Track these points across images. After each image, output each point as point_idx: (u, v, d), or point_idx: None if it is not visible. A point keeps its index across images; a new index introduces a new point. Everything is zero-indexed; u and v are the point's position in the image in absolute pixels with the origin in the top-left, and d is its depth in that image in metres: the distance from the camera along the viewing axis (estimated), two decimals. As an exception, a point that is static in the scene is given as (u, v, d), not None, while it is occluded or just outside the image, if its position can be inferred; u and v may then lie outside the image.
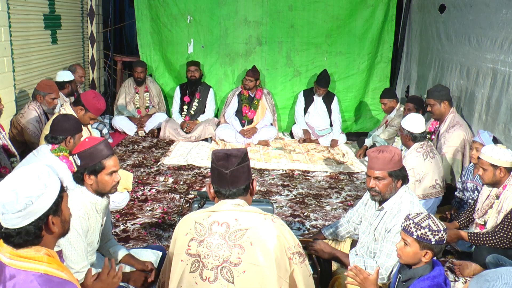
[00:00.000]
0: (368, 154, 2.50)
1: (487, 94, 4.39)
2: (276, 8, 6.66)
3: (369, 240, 2.53)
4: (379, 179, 2.42)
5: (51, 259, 1.43)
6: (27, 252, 1.40)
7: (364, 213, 2.69)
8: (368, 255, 2.52)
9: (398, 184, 2.44)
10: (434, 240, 1.91)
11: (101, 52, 7.25)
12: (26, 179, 1.40)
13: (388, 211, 2.44)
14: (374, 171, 2.43)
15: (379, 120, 6.64)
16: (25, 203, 1.36)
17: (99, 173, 2.23)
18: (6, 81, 4.48)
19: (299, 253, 1.86)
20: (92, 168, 2.22)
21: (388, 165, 2.40)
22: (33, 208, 1.38)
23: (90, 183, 2.25)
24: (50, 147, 3.12)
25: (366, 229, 2.59)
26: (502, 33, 4.18)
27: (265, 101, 6.37)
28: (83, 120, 3.81)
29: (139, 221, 3.70)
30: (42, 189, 1.40)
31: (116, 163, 2.29)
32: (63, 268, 1.46)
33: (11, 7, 4.53)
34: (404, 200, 2.42)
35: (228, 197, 1.89)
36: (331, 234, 2.89)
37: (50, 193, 1.42)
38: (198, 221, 1.87)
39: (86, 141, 2.30)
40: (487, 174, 3.05)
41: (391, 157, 2.40)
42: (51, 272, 1.39)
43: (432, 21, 5.81)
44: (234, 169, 1.86)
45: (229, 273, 1.77)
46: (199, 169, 5.03)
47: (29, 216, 1.38)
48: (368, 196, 2.65)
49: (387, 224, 2.41)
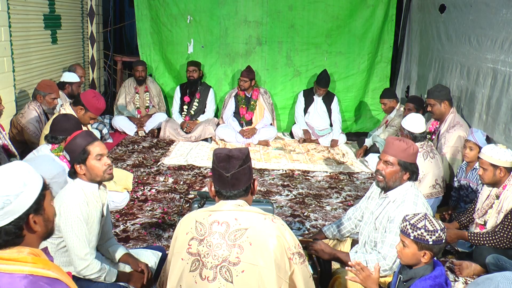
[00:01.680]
0: (387, 139, 2.55)
1: (487, 94, 4.39)
2: (276, 8, 6.66)
3: (370, 229, 2.55)
4: (387, 163, 2.46)
5: (36, 258, 1.38)
6: (9, 253, 1.35)
7: (367, 205, 2.71)
8: (369, 244, 2.53)
9: (404, 176, 2.46)
10: (432, 240, 1.91)
11: (101, 52, 7.25)
12: (3, 177, 1.36)
13: (392, 200, 2.46)
14: (386, 154, 2.48)
15: (379, 120, 6.64)
16: (3, 202, 1.32)
17: (86, 160, 2.29)
18: (6, 81, 4.48)
19: (299, 254, 1.85)
20: (79, 158, 2.28)
21: (401, 154, 2.44)
22: (12, 208, 1.33)
23: (83, 173, 2.31)
24: (50, 147, 3.12)
25: (368, 219, 2.61)
26: (502, 33, 4.18)
27: (263, 100, 6.36)
28: (83, 119, 3.81)
29: (139, 221, 3.70)
30: (21, 188, 1.36)
31: (102, 147, 2.35)
32: (49, 266, 1.40)
33: (11, 7, 4.53)
34: (409, 193, 2.44)
35: (228, 198, 1.89)
36: (331, 233, 2.89)
37: (30, 192, 1.38)
38: (198, 220, 1.87)
39: (71, 136, 2.37)
40: (487, 174, 3.05)
41: (406, 147, 2.44)
42: (37, 272, 1.34)
43: (432, 21, 5.81)
44: (235, 171, 1.85)
45: (228, 273, 1.77)
46: (199, 169, 5.03)
47: (8, 216, 1.33)
48: (372, 190, 2.69)
49: (389, 213, 2.42)
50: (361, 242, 2.63)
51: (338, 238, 2.89)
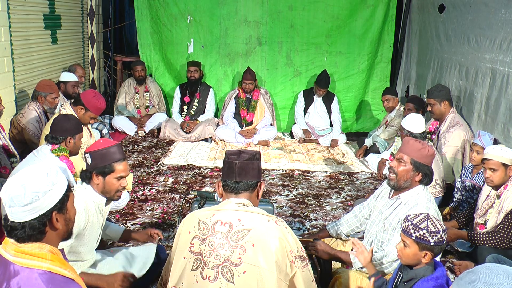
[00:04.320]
0: (404, 139, 2.56)
1: (486, 94, 4.40)
2: (276, 8, 6.66)
3: (378, 229, 2.54)
4: (401, 161, 2.46)
5: (55, 256, 1.46)
6: (31, 248, 1.43)
7: (375, 204, 2.70)
8: (376, 243, 2.52)
9: (416, 177, 2.45)
10: (433, 241, 1.91)
11: (101, 52, 7.25)
12: (35, 175, 1.46)
13: (404, 202, 2.45)
14: (400, 153, 2.49)
15: (379, 120, 6.65)
16: (32, 198, 1.41)
17: (107, 175, 2.28)
18: (6, 81, 4.48)
19: (302, 257, 1.86)
20: (101, 169, 2.27)
21: (415, 153, 2.44)
22: (39, 204, 1.43)
23: (97, 183, 2.30)
24: (50, 147, 3.12)
25: (376, 218, 2.60)
26: (501, 33, 4.18)
27: (263, 101, 6.37)
28: (83, 119, 3.81)
29: (139, 221, 3.70)
30: (49, 186, 1.46)
31: (126, 168, 2.34)
32: (66, 266, 1.48)
33: (11, 7, 4.53)
34: (421, 197, 2.43)
35: (233, 191, 1.91)
36: (335, 231, 2.89)
37: (57, 191, 1.48)
38: (201, 219, 1.88)
39: (101, 142, 2.35)
40: (498, 174, 3.02)
41: (420, 147, 2.45)
42: (54, 270, 1.42)
43: (431, 21, 5.81)
44: (243, 161, 1.91)
45: (229, 273, 1.77)
46: (199, 169, 5.04)
47: (35, 211, 1.43)
48: (381, 189, 2.70)
49: (400, 215, 2.40)
50: (366, 241, 2.62)
51: (342, 237, 2.89)
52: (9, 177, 2.80)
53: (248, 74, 6.18)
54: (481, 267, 1.26)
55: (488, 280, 1.21)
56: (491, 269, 1.24)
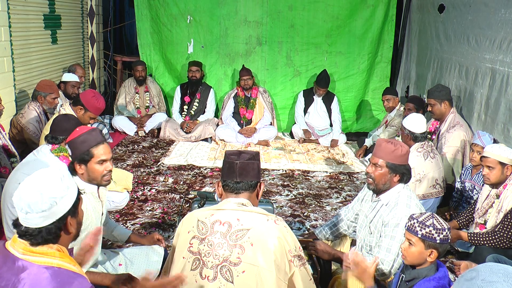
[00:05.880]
0: (377, 141, 2.52)
1: (486, 94, 4.39)
2: (276, 8, 6.67)
3: (365, 233, 2.53)
4: (376, 166, 2.43)
5: (62, 253, 1.49)
6: (40, 248, 1.45)
7: (360, 208, 2.69)
8: (365, 248, 2.52)
9: (394, 178, 2.42)
10: (439, 239, 1.90)
11: (101, 52, 7.25)
12: (50, 181, 1.46)
13: (385, 203, 2.43)
14: (374, 157, 2.46)
15: (379, 120, 6.65)
16: (50, 204, 1.43)
17: (88, 162, 2.21)
18: (6, 81, 4.48)
19: (299, 257, 1.86)
20: (81, 157, 2.20)
21: (389, 156, 2.40)
22: (56, 209, 1.45)
23: (81, 173, 2.23)
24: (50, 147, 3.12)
25: (363, 222, 2.59)
26: (500, 33, 4.18)
27: (262, 99, 6.37)
28: (83, 119, 3.81)
29: (139, 221, 3.70)
30: (65, 191, 1.47)
31: (106, 151, 2.25)
32: (74, 262, 1.51)
33: (11, 7, 4.53)
34: (402, 195, 2.41)
35: (234, 191, 1.91)
36: (324, 236, 2.88)
37: (71, 195, 1.50)
38: (200, 219, 1.88)
39: (77, 130, 2.28)
40: (495, 173, 3.03)
41: (393, 149, 2.40)
42: (64, 266, 1.45)
43: (431, 21, 5.81)
44: (244, 161, 1.92)
45: (228, 273, 1.77)
46: (199, 169, 5.04)
47: (51, 216, 1.44)
48: (364, 192, 2.69)
49: (384, 217, 2.39)
50: (358, 245, 2.62)
51: (331, 240, 2.89)
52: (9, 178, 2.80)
53: (244, 71, 6.21)
54: (482, 266, 1.28)
55: (486, 277, 1.22)
56: (491, 267, 1.26)
